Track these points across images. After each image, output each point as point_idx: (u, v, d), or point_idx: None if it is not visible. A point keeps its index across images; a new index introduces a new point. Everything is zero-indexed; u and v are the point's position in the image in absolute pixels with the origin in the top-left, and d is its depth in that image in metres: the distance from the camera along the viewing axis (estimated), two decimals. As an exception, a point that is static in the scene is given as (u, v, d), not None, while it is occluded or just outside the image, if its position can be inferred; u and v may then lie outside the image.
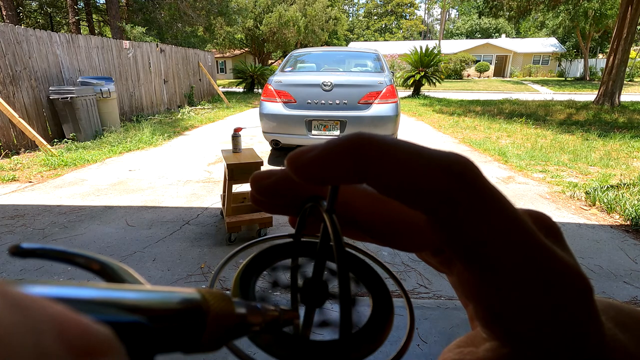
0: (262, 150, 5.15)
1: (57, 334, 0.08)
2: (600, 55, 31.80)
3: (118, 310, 0.10)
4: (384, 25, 65.30)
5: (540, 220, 0.15)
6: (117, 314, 0.10)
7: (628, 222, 2.89)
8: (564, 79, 29.52)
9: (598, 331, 0.12)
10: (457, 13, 63.97)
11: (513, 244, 0.12)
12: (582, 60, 28.76)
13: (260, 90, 15.56)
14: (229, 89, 18.41)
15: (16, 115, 4.87)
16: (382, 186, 0.13)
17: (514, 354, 0.13)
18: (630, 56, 11.96)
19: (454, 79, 29.07)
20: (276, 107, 4.32)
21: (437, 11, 75.63)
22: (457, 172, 0.12)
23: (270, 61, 26.66)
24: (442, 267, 0.18)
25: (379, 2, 65.38)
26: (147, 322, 0.11)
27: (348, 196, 0.16)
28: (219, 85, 13.22)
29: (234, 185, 2.45)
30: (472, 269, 0.12)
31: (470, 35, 50.94)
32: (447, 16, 66.43)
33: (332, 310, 0.16)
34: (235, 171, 2.36)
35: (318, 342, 0.15)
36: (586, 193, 3.45)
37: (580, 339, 0.12)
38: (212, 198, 3.40)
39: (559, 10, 21.60)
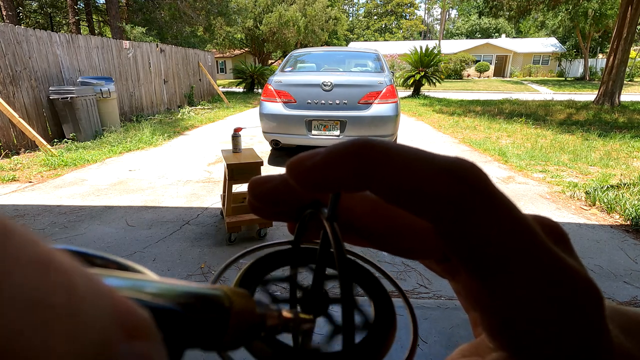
0: (262, 150, 5.14)
1: (111, 311, 0.08)
2: (600, 55, 31.74)
3: (154, 297, 0.11)
4: (384, 25, 65.24)
5: (548, 226, 0.14)
6: (154, 300, 0.10)
7: (628, 222, 2.89)
8: (564, 79, 29.50)
9: (607, 334, 0.12)
10: (457, 13, 63.94)
11: (523, 244, 0.12)
12: (582, 60, 28.75)
13: (260, 90, 15.55)
14: (229, 89, 18.40)
15: (16, 116, 4.86)
16: (386, 193, 0.12)
17: None
18: (630, 56, 11.95)
19: (454, 79, 29.05)
20: (276, 107, 4.32)
21: (437, 11, 75.60)
22: (463, 177, 0.12)
23: (270, 61, 26.63)
24: (445, 274, 0.17)
25: (379, 2, 65.32)
26: (181, 310, 0.11)
27: (348, 202, 0.16)
28: (219, 85, 13.22)
29: (234, 185, 2.45)
30: (478, 273, 0.12)
31: (470, 35, 50.91)
32: (447, 16, 66.43)
33: (333, 319, 0.16)
34: (235, 171, 2.36)
35: (318, 353, 0.14)
36: (586, 193, 3.45)
37: (589, 340, 0.12)
38: (212, 198, 3.40)
39: (558, 10, 21.59)
